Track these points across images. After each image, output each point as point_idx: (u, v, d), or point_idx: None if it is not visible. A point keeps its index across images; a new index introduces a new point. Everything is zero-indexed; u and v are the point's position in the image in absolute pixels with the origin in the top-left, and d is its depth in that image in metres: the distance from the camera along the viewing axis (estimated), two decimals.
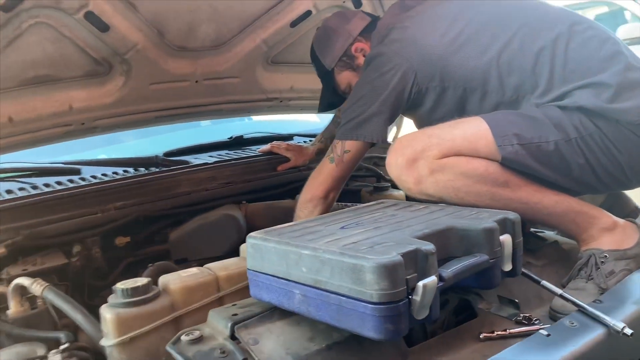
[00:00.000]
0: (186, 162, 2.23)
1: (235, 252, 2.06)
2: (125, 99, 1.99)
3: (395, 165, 1.47)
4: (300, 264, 1.09)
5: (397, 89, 1.65)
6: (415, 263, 1.02)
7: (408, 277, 1.00)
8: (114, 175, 2.10)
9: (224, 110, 2.31)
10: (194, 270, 1.38)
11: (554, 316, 1.34)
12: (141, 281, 1.29)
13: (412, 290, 1.00)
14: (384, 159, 1.76)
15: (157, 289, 1.31)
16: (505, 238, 1.22)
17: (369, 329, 0.99)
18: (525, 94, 1.57)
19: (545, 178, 1.46)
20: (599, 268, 1.40)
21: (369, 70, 1.71)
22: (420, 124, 1.83)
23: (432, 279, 1.01)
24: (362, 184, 2.49)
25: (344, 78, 1.92)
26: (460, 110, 1.66)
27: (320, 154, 2.40)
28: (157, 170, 2.15)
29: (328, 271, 1.04)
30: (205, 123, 2.96)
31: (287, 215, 2.13)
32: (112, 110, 2.00)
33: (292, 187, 2.31)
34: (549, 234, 1.74)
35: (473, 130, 1.46)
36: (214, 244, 2.00)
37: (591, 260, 1.42)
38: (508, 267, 1.23)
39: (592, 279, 1.39)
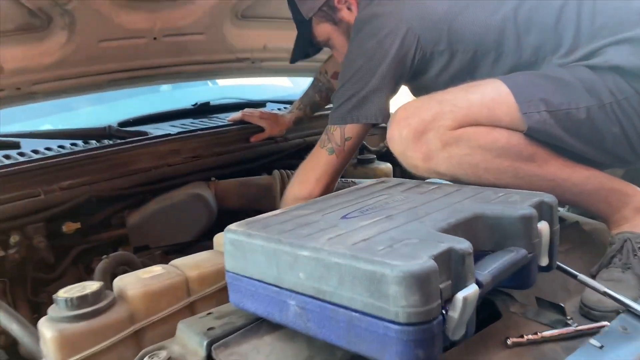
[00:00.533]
0: (145, 133, 1.93)
1: (204, 237, 1.83)
2: (69, 59, 1.68)
3: (399, 138, 1.22)
4: (296, 268, 0.85)
5: (397, 58, 1.40)
6: (449, 267, 0.79)
7: (442, 286, 0.76)
8: (60, 149, 1.79)
9: (187, 72, 2.01)
10: (157, 269, 1.11)
11: (587, 313, 1.13)
12: (90, 287, 1.03)
13: (446, 303, 0.77)
14: None
15: (111, 295, 1.05)
16: (543, 226, 1.00)
17: (392, 355, 0.75)
18: (545, 55, 1.35)
19: (574, 150, 1.25)
20: (636, 255, 1.20)
21: (362, 36, 1.44)
22: (420, 93, 1.59)
23: (472, 289, 0.78)
24: None
25: (323, 31, 1.64)
26: (469, 76, 1.43)
27: (298, 122, 2.14)
28: (111, 143, 1.85)
29: (335, 279, 0.80)
30: (165, 88, 2.64)
31: (263, 194, 1.88)
32: (53, 72, 1.68)
33: (268, 160, 2.04)
34: (567, 212, 1.54)
35: (492, 95, 1.23)
36: (180, 229, 1.74)
37: (627, 245, 1.22)
38: (545, 261, 1.01)
39: (629, 267, 1.20)
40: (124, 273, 1.53)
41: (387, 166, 2.18)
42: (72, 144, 1.88)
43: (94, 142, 1.88)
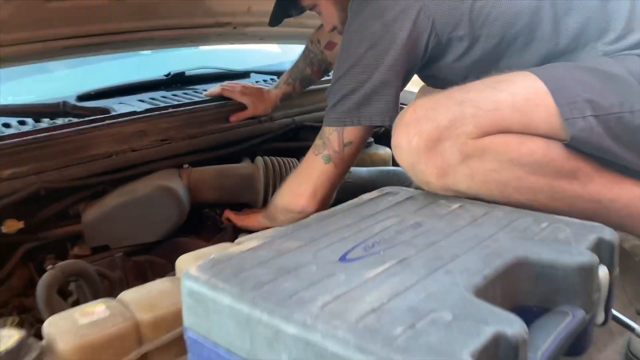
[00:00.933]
0: (106, 111, 1.65)
1: (175, 235, 1.58)
2: (11, 21, 1.38)
3: (407, 148, 0.97)
4: (277, 348, 0.60)
5: (408, 45, 1.13)
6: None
7: None
8: (3, 129, 1.52)
9: (157, 39, 1.72)
10: (99, 309, 0.86)
11: None
12: (6, 339, 0.78)
13: None
14: None
15: (36, 348, 0.80)
16: (602, 274, 0.76)
17: None
18: (589, 41, 1.11)
19: (626, 164, 1.01)
20: None
21: (364, 18, 1.17)
22: (432, 82, 1.33)
23: None
24: None
25: None
26: (493, 65, 1.17)
27: (286, 99, 1.87)
28: (66, 122, 1.57)
29: None
30: (144, 52, 2.33)
31: (244, 185, 1.63)
32: None
33: (250, 144, 1.78)
34: None
35: (526, 95, 0.97)
36: (145, 227, 1.48)
37: None
38: (601, 318, 0.78)
39: None
40: (76, 285, 1.33)
41: (386, 152, 1.93)
42: (20, 122, 1.61)
43: (46, 120, 1.60)
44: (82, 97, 1.79)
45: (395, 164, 2.01)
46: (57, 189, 1.42)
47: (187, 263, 0.97)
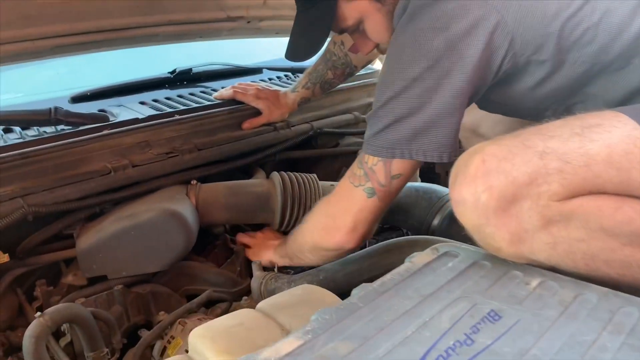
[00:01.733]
0: (103, 118, 1.46)
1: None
2: None
3: (473, 205, 0.79)
4: None
5: (478, 66, 0.94)
6: None
7: None
8: None
9: (162, 35, 1.51)
10: None
11: None
12: None
13: None
14: None
15: None
16: None
17: None
18: None
19: None
20: None
21: (422, 28, 0.97)
22: (492, 108, 1.14)
23: None
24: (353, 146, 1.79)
25: (355, 9, 1.14)
26: (572, 95, 0.99)
27: (304, 103, 1.68)
28: (57, 132, 1.38)
29: None
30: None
31: (258, 205, 1.45)
32: None
33: (264, 155, 1.59)
34: None
35: (625, 147, 0.78)
36: (148, 256, 1.31)
37: None
38: None
39: None
40: (69, 325, 1.17)
41: None
42: (6, 130, 1.42)
43: (35, 129, 1.42)
44: (77, 99, 1.60)
45: (426, 179, 1.84)
46: (45, 213, 1.24)
47: (202, 341, 0.80)
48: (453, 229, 1.40)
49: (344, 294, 1.29)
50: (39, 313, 1.05)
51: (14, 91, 1.73)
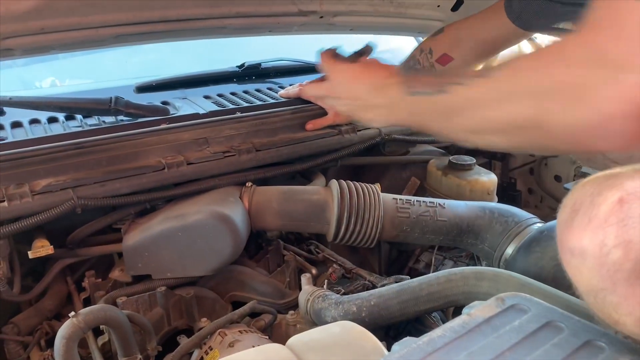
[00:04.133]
0: (164, 111, 1.41)
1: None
2: (53, 6, 1.15)
3: (596, 261, 0.59)
4: None
5: None
6: None
7: None
8: (47, 127, 1.32)
9: (229, 27, 1.44)
10: None
11: None
12: None
13: None
14: None
15: None
16: None
17: None
18: None
19: None
20: None
21: None
22: None
23: None
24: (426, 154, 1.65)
25: None
26: None
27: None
28: (114, 123, 1.35)
29: None
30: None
31: (313, 215, 1.35)
32: (30, 23, 1.16)
33: (326, 160, 1.49)
34: None
35: None
36: (194, 260, 1.25)
37: None
38: None
39: None
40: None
41: (491, 179, 1.58)
42: (68, 117, 1.41)
43: (95, 118, 1.40)
44: (142, 88, 1.57)
45: (505, 199, 1.66)
46: (95, 207, 1.21)
47: None
48: (530, 261, 1.24)
49: (395, 325, 1.19)
50: (72, 313, 1.01)
51: (86, 77, 1.73)
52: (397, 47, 1.94)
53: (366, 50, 1.33)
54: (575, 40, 0.69)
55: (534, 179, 1.79)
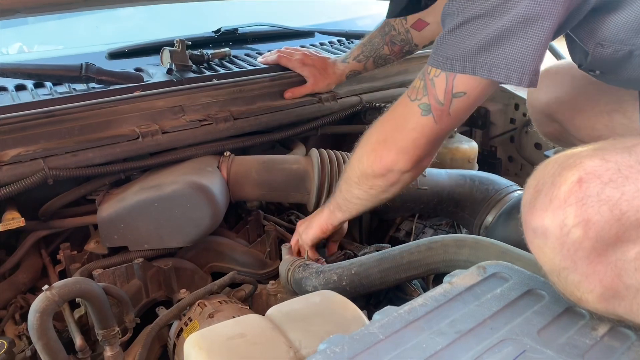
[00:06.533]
0: (137, 77, 1.36)
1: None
2: None
3: (558, 240, 0.60)
4: None
5: None
6: None
7: None
8: (14, 94, 1.27)
9: None
10: None
11: None
12: None
13: None
14: None
15: None
16: None
17: None
18: None
19: None
20: None
21: None
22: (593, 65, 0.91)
23: None
24: None
25: None
26: None
27: (353, 76, 1.53)
28: (85, 90, 1.30)
29: None
30: None
31: (293, 184, 1.33)
32: None
33: (306, 128, 1.46)
34: None
35: None
36: (171, 231, 1.22)
37: None
38: None
39: None
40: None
41: (472, 147, 1.57)
42: (36, 85, 1.35)
43: (66, 85, 1.34)
44: (114, 55, 1.51)
45: (486, 167, 1.66)
46: (67, 178, 1.17)
47: (197, 352, 0.70)
48: (510, 229, 1.24)
49: (376, 293, 1.18)
50: (46, 286, 0.98)
51: (55, 43, 1.66)
52: (378, 13, 1.89)
53: None
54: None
55: (514, 147, 1.79)
